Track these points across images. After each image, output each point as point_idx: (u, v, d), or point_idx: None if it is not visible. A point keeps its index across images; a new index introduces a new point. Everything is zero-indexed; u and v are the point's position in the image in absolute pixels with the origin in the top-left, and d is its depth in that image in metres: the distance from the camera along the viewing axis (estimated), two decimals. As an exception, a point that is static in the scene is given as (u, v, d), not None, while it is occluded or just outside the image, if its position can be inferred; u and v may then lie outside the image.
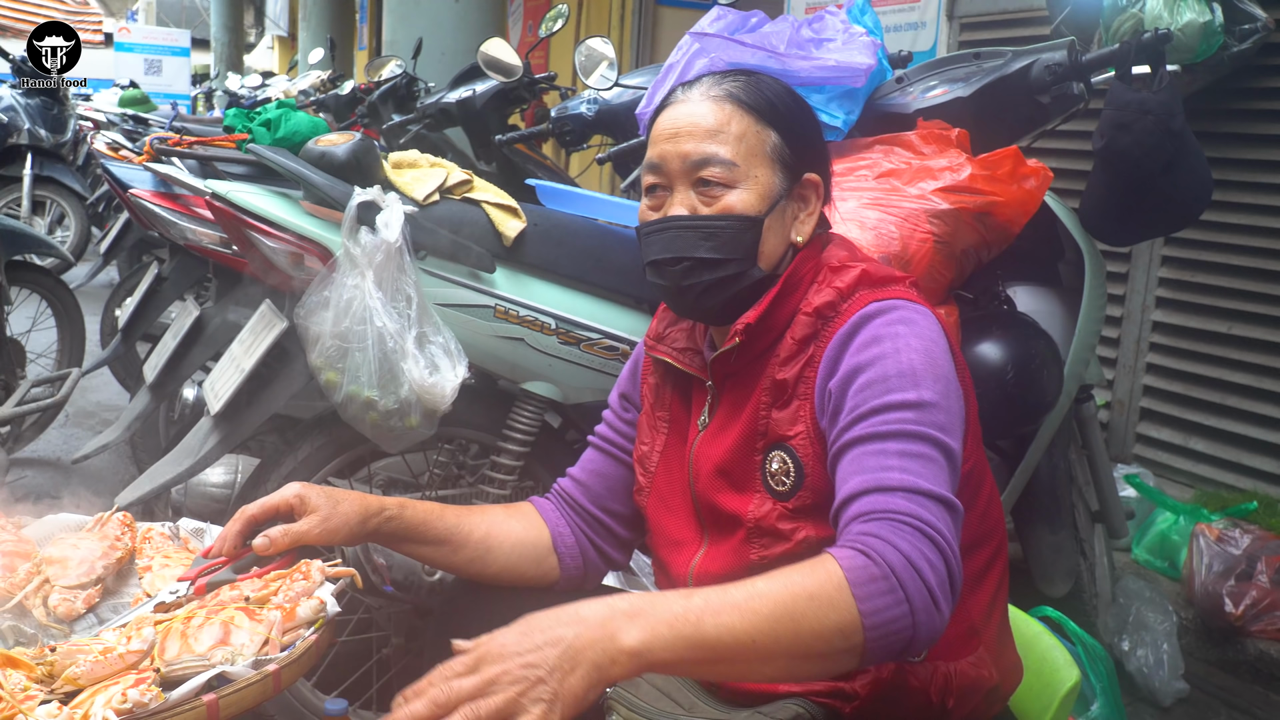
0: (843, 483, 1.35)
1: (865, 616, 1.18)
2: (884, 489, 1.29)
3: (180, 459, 2.25)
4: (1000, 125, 2.45)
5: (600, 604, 1.16)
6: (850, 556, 1.21)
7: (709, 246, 1.50)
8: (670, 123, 1.53)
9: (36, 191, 7.88)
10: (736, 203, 1.50)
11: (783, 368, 1.49)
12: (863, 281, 1.49)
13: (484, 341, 2.21)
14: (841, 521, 1.32)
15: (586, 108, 3.74)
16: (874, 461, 1.32)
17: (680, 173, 1.51)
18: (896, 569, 1.20)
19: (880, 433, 1.34)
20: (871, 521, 1.26)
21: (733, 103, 1.52)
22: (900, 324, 1.42)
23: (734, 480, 1.52)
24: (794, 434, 1.47)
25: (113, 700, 1.21)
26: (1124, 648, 3.04)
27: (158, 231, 3.30)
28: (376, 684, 2.49)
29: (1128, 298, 3.95)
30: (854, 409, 1.37)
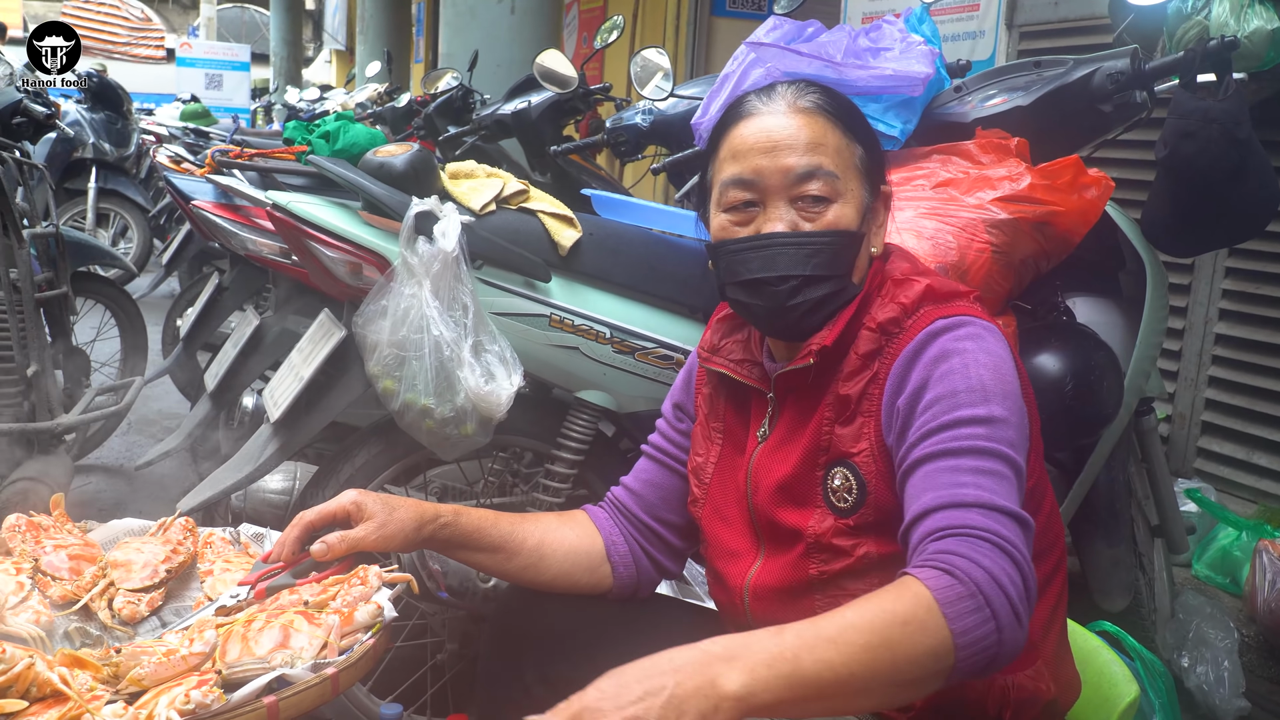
0: (914, 499, 1.33)
1: (956, 636, 1.16)
2: (959, 505, 1.28)
3: (241, 465, 2.27)
4: (1061, 134, 2.42)
5: (693, 650, 1.13)
6: (935, 576, 1.20)
7: (816, 263, 1.46)
8: (762, 135, 1.49)
9: (101, 204, 8.05)
10: (839, 217, 1.47)
11: (846, 383, 1.47)
12: (927, 297, 1.47)
13: (539, 350, 2.21)
14: (914, 538, 1.30)
15: (641, 118, 3.75)
16: (947, 478, 1.30)
17: (779, 187, 1.47)
18: (982, 586, 1.19)
19: (952, 449, 1.32)
20: (949, 538, 1.25)
21: (824, 115, 1.49)
22: (968, 340, 1.40)
23: (794, 495, 1.51)
24: (857, 451, 1.45)
25: (176, 701, 1.22)
26: (1183, 664, 2.98)
27: (219, 242, 3.36)
28: (431, 689, 2.51)
29: (1190, 309, 3.89)
30: (923, 425, 1.36)
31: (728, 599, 1.61)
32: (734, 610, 1.60)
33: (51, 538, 1.73)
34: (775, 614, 1.52)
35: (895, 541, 1.41)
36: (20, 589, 1.59)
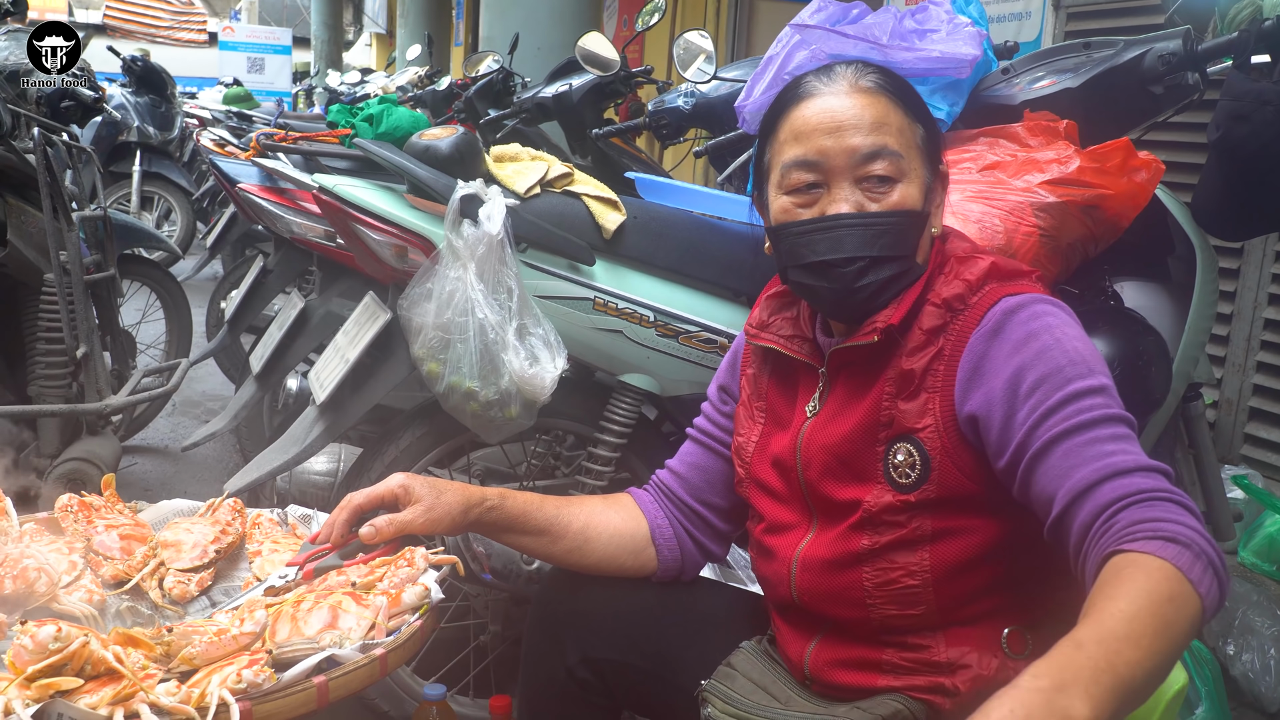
0: (1062, 478, 1.29)
1: (1203, 599, 1.16)
2: (1121, 473, 1.26)
3: (287, 447, 2.29)
4: (1110, 117, 2.39)
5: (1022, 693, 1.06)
6: (1162, 546, 1.17)
7: (883, 244, 1.45)
8: (826, 115, 1.47)
9: (144, 187, 8.12)
10: (904, 197, 1.46)
11: (910, 358, 1.45)
12: (992, 274, 1.46)
13: (583, 334, 2.22)
14: (1084, 514, 1.26)
15: (684, 101, 3.74)
16: (1093, 451, 1.28)
17: (844, 168, 1.46)
18: (1200, 544, 1.18)
19: (1083, 423, 1.30)
20: (1133, 507, 1.23)
21: (885, 93, 1.48)
22: (1048, 315, 1.39)
23: (853, 469, 1.49)
24: (922, 426, 1.43)
25: (228, 680, 1.24)
26: (1229, 652, 2.96)
27: (264, 225, 3.38)
28: (474, 670, 2.53)
29: (1239, 294, 3.83)
30: (1037, 408, 1.33)
31: (774, 572, 1.61)
32: (779, 582, 1.59)
33: (103, 518, 1.75)
34: (821, 585, 1.52)
35: (950, 517, 1.40)
36: (73, 568, 1.61)
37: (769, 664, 1.66)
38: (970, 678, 1.42)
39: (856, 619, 1.49)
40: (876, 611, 1.46)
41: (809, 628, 1.57)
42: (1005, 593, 1.44)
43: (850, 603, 1.49)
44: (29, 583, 1.51)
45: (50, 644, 1.20)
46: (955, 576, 1.42)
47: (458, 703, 2.44)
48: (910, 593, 1.44)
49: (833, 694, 1.53)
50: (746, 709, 1.54)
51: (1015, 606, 1.45)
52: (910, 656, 1.46)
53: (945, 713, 1.43)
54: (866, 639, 1.49)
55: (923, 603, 1.43)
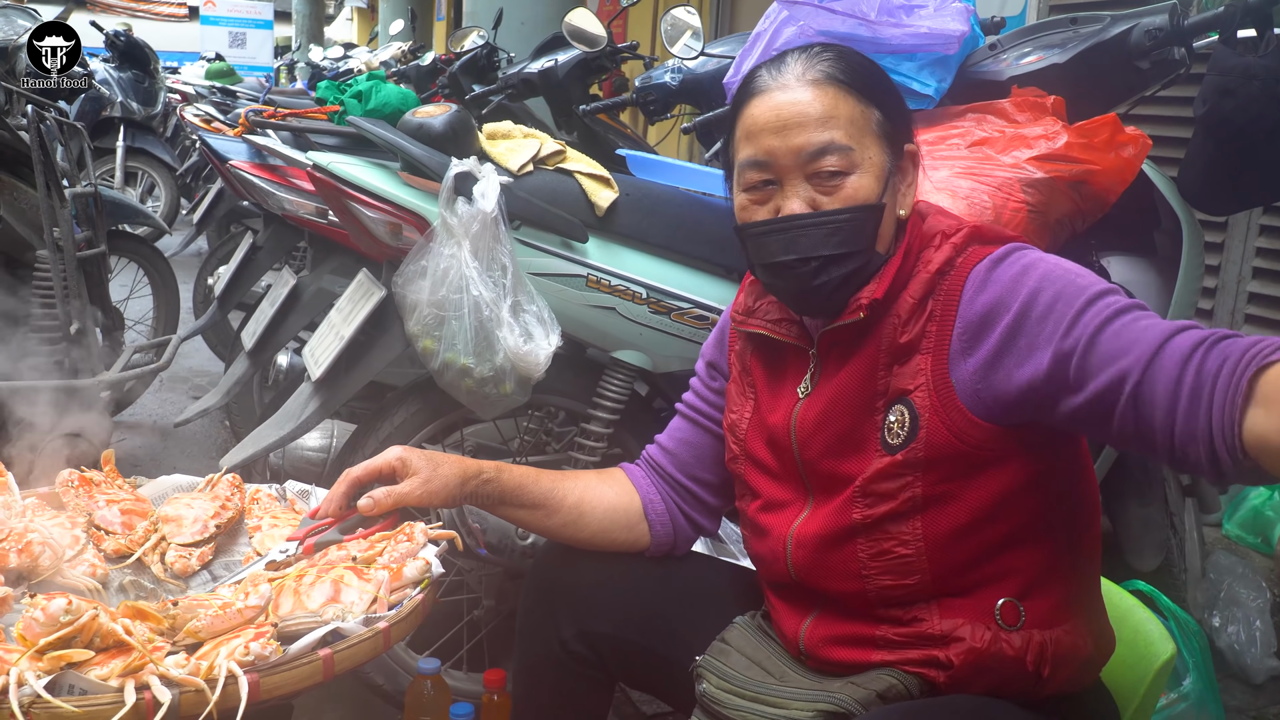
0: (1120, 355, 1.24)
1: None
2: (1176, 332, 1.22)
3: (282, 423, 2.30)
4: (1097, 92, 2.41)
5: None
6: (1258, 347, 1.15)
7: (836, 241, 1.45)
8: (772, 114, 1.46)
9: (128, 163, 8.08)
10: (857, 190, 1.44)
11: (904, 329, 1.45)
12: (975, 237, 1.47)
13: (576, 310, 2.23)
14: (1162, 377, 1.19)
15: (670, 77, 3.75)
16: (1136, 328, 1.25)
17: (793, 166, 1.45)
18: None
19: (1110, 314, 1.28)
20: (1219, 344, 1.18)
21: (834, 84, 1.46)
22: (1031, 253, 1.40)
23: (851, 442, 1.50)
24: (914, 386, 1.44)
25: (235, 653, 1.26)
26: (1214, 624, 2.99)
27: (254, 202, 3.37)
28: (467, 644, 2.55)
29: (1223, 268, 3.86)
30: (1059, 323, 1.31)
31: (769, 549, 1.61)
32: (774, 560, 1.60)
33: (103, 492, 1.77)
34: (816, 561, 1.53)
35: (941, 482, 1.42)
36: (76, 542, 1.63)
37: (763, 639, 1.67)
38: (964, 650, 1.43)
39: (853, 591, 1.50)
40: (872, 583, 1.48)
41: (804, 604, 1.59)
42: (998, 560, 1.45)
43: (846, 575, 1.50)
44: (34, 556, 1.52)
45: (61, 617, 1.21)
46: (948, 544, 1.43)
47: (452, 676, 2.46)
48: (905, 562, 1.45)
49: (827, 669, 1.55)
50: (741, 684, 1.55)
51: (1008, 575, 1.46)
52: (905, 631, 1.47)
53: (939, 685, 1.45)
54: (862, 614, 1.51)
55: (917, 571, 1.44)
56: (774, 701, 1.50)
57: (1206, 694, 2.40)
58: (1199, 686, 2.40)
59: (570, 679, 1.75)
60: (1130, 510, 2.72)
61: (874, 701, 1.44)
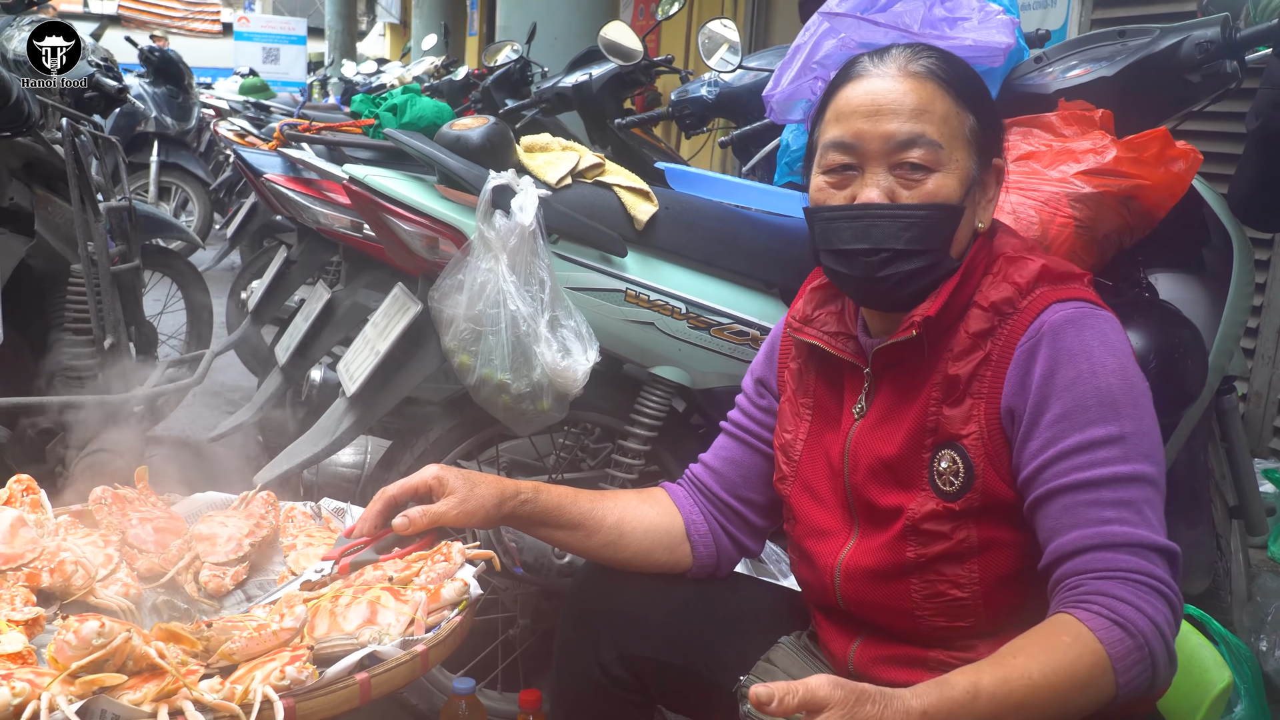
0: (1055, 534, 1.32)
1: (1120, 689, 1.22)
2: (1109, 546, 1.28)
3: (317, 439, 2.28)
4: (1146, 106, 2.36)
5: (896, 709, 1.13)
6: (1107, 629, 1.23)
7: (910, 237, 1.42)
8: (867, 98, 1.45)
9: (162, 178, 8.13)
10: (939, 189, 1.42)
11: (956, 363, 1.43)
12: (1043, 277, 1.43)
13: (614, 325, 2.20)
14: (1060, 571, 1.31)
15: (707, 91, 3.73)
16: (1091, 514, 1.30)
17: (879, 153, 1.43)
18: (1149, 639, 1.23)
19: (1091, 480, 1.31)
20: (1108, 580, 1.26)
21: (935, 81, 1.45)
22: (1093, 339, 1.36)
23: (899, 476, 1.48)
24: (966, 434, 1.41)
25: (271, 676, 1.23)
26: (1262, 648, 2.93)
27: (288, 215, 3.37)
28: (502, 664, 2.52)
29: (1269, 285, 3.80)
30: (1052, 442, 1.34)
31: (816, 579, 1.59)
32: (823, 590, 1.58)
33: (137, 510, 1.74)
34: (867, 595, 1.50)
35: (996, 527, 1.39)
36: (109, 561, 1.60)
37: (809, 659, 1.64)
38: None
39: (905, 628, 1.48)
40: (925, 623, 1.45)
41: (853, 627, 1.56)
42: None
43: (898, 613, 1.47)
44: (66, 576, 1.50)
45: (94, 640, 1.18)
46: (1004, 588, 1.40)
47: (486, 696, 2.43)
48: (959, 604, 1.42)
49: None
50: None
51: None
52: (959, 655, 1.43)
53: None
54: (914, 640, 1.48)
55: (973, 615, 1.41)
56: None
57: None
58: (1250, 713, 2.34)
59: (610, 702, 1.72)
60: (1178, 533, 2.64)
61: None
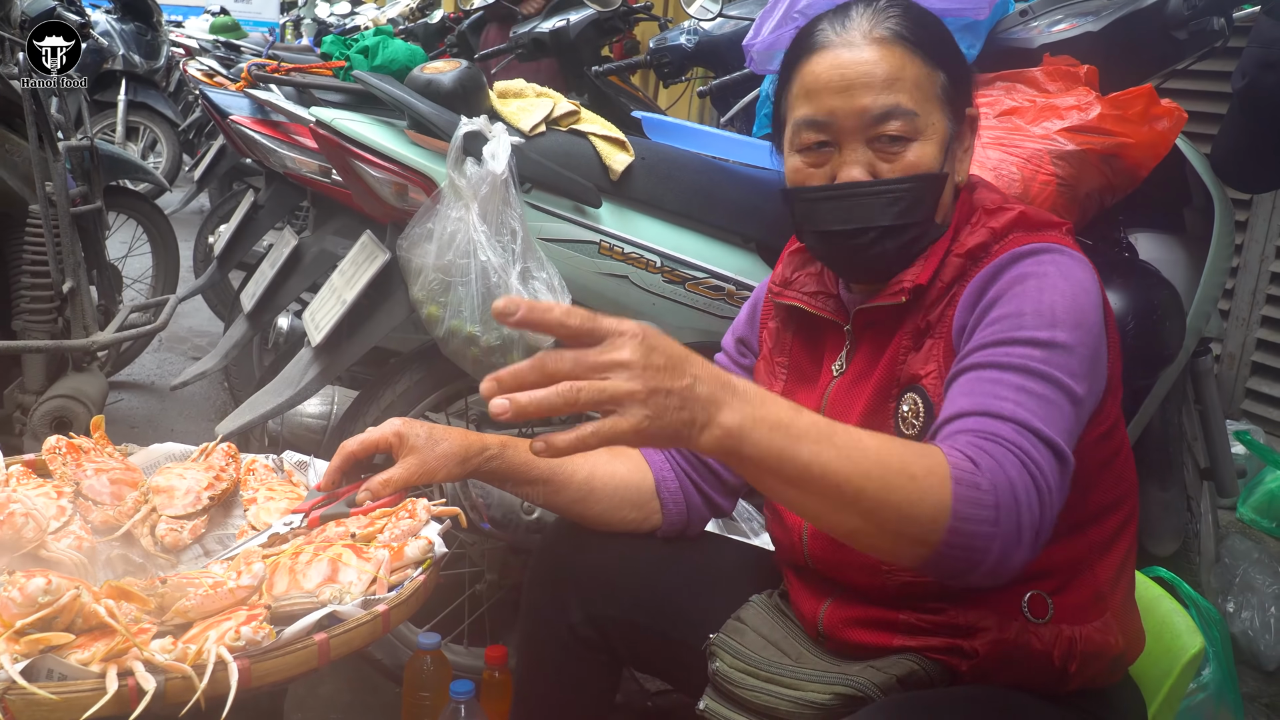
0: (951, 402, 1.27)
1: (953, 518, 1.11)
2: (996, 415, 1.21)
3: (281, 389, 2.24)
4: (1130, 63, 2.33)
5: (716, 372, 1.10)
6: (961, 460, 1.14)
7: (895, 212, 1.39)
8: (835, 72, 1.40)
9: (130, 117, 7.97)
10: (920, 158, 1.38)
11: (927, 313, 1.41)
12: (1019, 224, 1.40)
13: (587, 278, 2.15)
14: (943, 432, 1.24)
15: (686, 39, 3.66)
16: (989, 389, 1.24)
17: (855, 129, 1.39)
18: (1000, 491, 1.13)
19: (1001, 363, 1.26)
20: (983, 439, 1.19)
21: (901, 43, 1.39)
22: (1051, 265, 1.33)
23: (869, 428, 1.44)
24: (925, 373, 1.39)
25: (226, 636, 1.19)
26: (1229, 609, 2.95)
27: (255, 159, 3.29)
28: (468, 619, 2.50)
29: (1246, 247, 3.79)
30: (981, 339, 1.30)
31: (785, 536, 1.57)
32: (792, 548, 1.56)
33: (92, 461, 1.69)
34: (834, 553, 1.48)
35: None
36: (62, 513, 1.55)
37: (780, 619, 1.62)
38: (990, 640, 1.38)
39: (873, 585, 1.45)
40: (893, 578, 1.42)
41: (823, 587, 1.54)
42: None
43: (865, 569, 1.45)
44: (16, 529, 1.44)
45: (40, 597, 1.14)
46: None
47: (452, 651, 2.40)
48: None
49: (846, 652, 1.50)
50: (756, 664, 1.49)
51: (1036, 571, 1.39)
52: (928, 618, 1.42)
53: (961, 674, 1.39)
54: (883, 601, 1.46)
55: None
56: (789, 683, 1.45)
57: (1226, 684, 2.35)
58: (1219, 676, 2.35)
59: (577, 662, 1.70)
60: (1150, 494, 2.67)
61: (894, 687, 1.38)
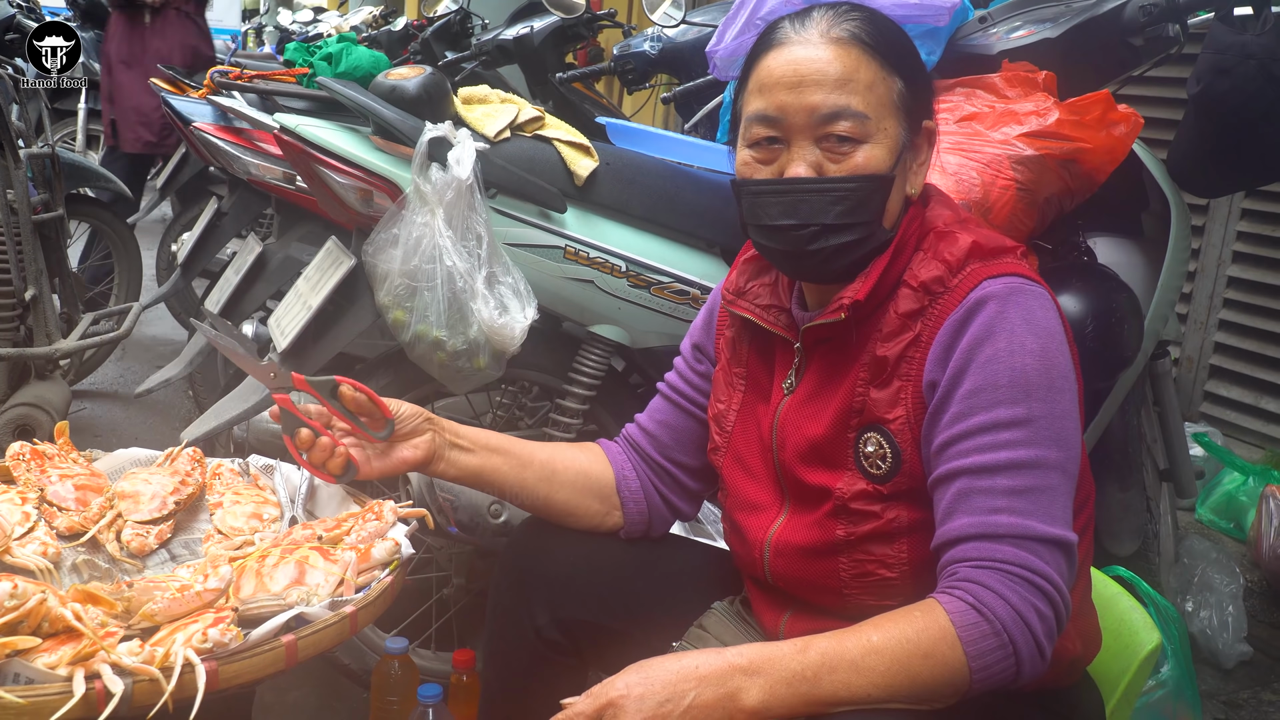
0: (946, 517, 1.31)
1: (975, 672, 1.22)
2: (991, 536, 1.27)
3: (246, 395, 2.23)
4: (1088, 69, 2.36)
5: (717, 659, 1.21)
6: (962, 612, 1.23)
7: (839, 211, 1.38)
8: (789, 68, 1.40)
9: (90, 126, 7.88)
10: (868, 160, 1.38)
11: (885, 344, 1.40)
12: (974, 254, 1.39)
13: (553, 283, 2.16)
14: (944, 559, 1.31)
15: (650, 46, 3.68)
16: (981, 501, 1.29)
17: (804, 127, 1.39)
18: (1007, 624, 1.22)
19: (988, 465, 1.29)
20: (980, 569, 1.26)
21: (859, 46, 1.39)
22: (1016, 315, 1.33)
23: (824, 456, 1.45)
24: (893, 418, 1.39)
25: (193, 639, 1.20)
26: (1187, 608, 2.99)
27: (219, 166, 3.28)
28: (436, 623, 2.49)
29: (1204, 251, 3.84)
30: (960, 417, 1.32)
31: (746, 552, 1.58)
32: (752, 564, 1.57)
33: (57, 467, 1.69)
34: (795, 571, 1.49)
35: (927, 508, 1.37)
36: (26, 519, 1.55)
37: (741, 626, 1.64)
38: None
39: (831, 605, 1.47)
40: (853, 601, 1.44)
41: (782, 601, 1.55)
42: None
43: (826, 590, 1.46)
44: (-21, 535, 1.45)
45: (5, 601, 1.15)
46: (932, 568, 1.37)
47: (420, 656, 2.40)
48: (888, 584, 1.41)
49: None
50: None
51: None
52: None
53: None
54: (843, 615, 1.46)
55: (901, 594, 1.39)
56: None
57: (1184, 681, 2.38)
58: (1177, 674, 2.38)
59: (543, 664, 1.70)
60: (1109, 495, 2.70)
61: None
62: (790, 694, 1.20)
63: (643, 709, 1.18)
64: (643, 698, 1.19)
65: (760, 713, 1.19)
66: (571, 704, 1.23)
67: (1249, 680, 2.93)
